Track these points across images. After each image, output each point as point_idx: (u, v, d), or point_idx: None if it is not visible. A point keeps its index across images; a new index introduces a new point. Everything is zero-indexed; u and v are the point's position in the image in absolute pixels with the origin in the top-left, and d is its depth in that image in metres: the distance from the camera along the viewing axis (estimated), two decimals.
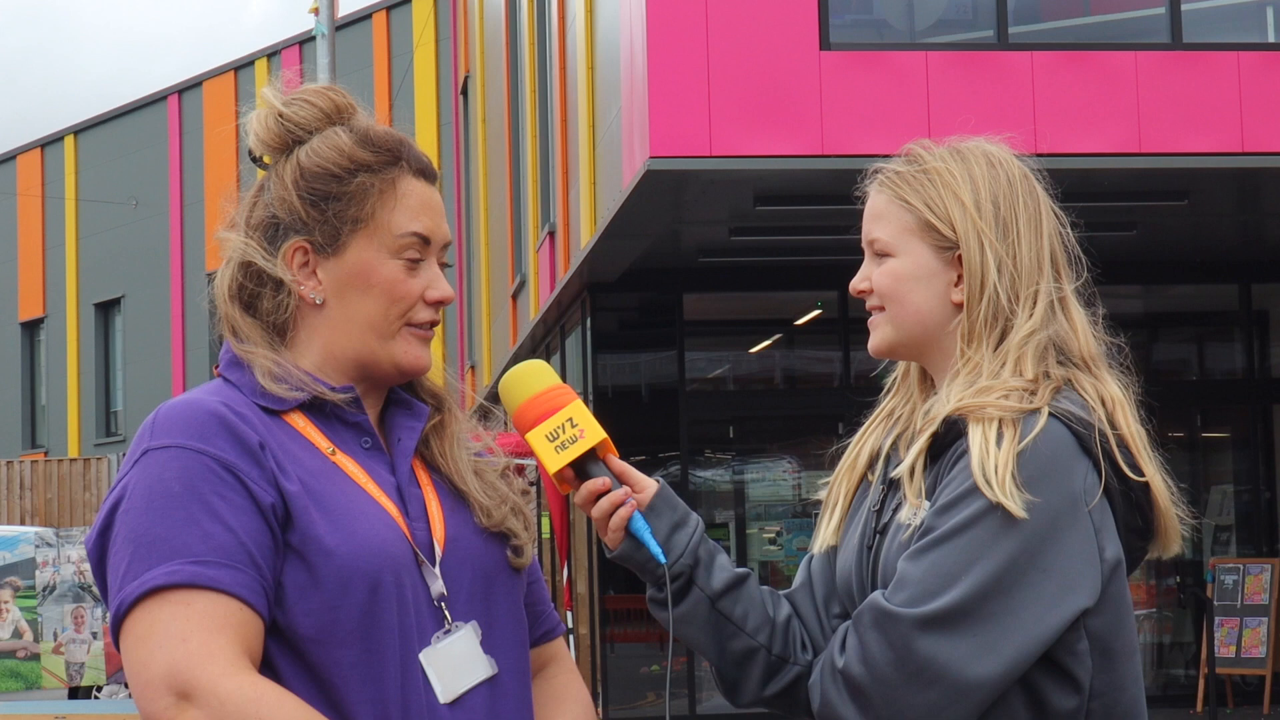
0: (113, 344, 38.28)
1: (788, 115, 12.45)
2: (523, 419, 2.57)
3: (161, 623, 2.21)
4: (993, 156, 2.70)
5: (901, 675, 2.42)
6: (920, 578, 2.44)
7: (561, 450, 2.55)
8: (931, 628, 2.42)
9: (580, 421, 2.56)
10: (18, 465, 23.86)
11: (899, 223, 2.66)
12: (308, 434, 2.38)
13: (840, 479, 2.74)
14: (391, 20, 32.37)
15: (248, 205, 2.48)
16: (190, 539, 2.24)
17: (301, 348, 2.42)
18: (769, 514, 16.98)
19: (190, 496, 2.26)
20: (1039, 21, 13.86)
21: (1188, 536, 2.69)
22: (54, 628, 12.48)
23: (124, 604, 2.25)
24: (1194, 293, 17.37)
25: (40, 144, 39.55)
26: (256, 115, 2.48)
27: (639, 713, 15.85)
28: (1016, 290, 2.61)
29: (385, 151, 2.44)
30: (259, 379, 2.36)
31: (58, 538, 12.77)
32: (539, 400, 2.56)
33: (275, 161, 2.47)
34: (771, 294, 16.49)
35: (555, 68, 17.67)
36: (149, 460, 2.29)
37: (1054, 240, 2.69)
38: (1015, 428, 2.48)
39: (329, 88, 2.50)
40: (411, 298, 2.43)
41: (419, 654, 2.34)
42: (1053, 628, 2.44)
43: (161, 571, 2.23)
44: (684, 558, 2.59)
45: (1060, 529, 2.45)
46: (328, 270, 2.41)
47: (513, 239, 21.47)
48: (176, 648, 2.20)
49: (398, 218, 2.42)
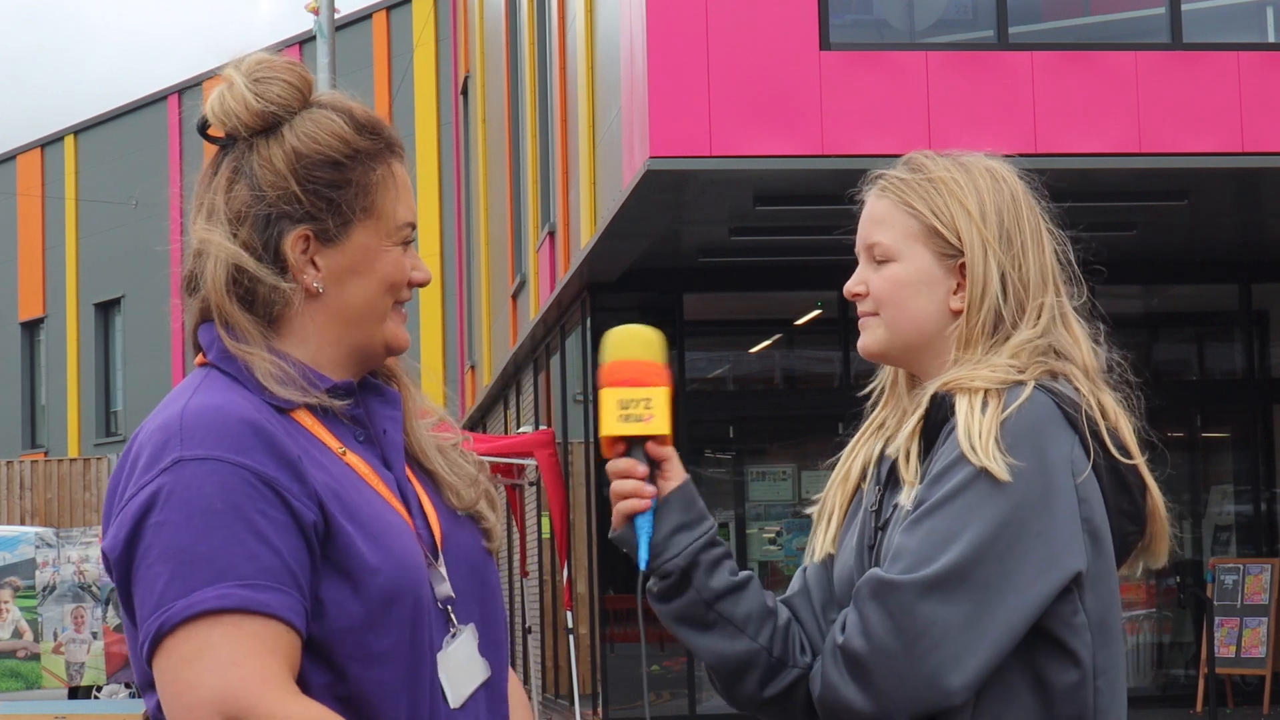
0: (113, 344, 38.29)
1: (788, 115, 12.45)
2: (610, 374, 2.57)
3: (212, 646, 2.16)
4: (995, 171, 2.73)
5: (901, 643, 2.43)
6: (915, 547, 2.46)
7: (623, 422, 2.56)
8: (929, 592, 2.43)
9: (655, 408, 2.56)
10: (18, 465, 23.86)
11: (902, 228, 2.66)
12: (316, 432, 2.33)
13: (834, 490, 2.74)
14: (391, 20, 32.37)
15: (220, 191, 2.38)
16: (236, 559, 2.18)
17: (296, 337, 2.37)
18: (769, 514, 16.97)
19: (233, 514, 2.19)
20: (1039, 21, 13.86)
21: (1174, 546, 2.70)
22: (54, 628, 12.47)
23: (168, 624, 2.18)
24: (1194, 293, 17.37)
25: (40, 144, 39.56)
26: (230, 93, 2.39)
27: (639, 713, 15.84)
28: (1022, 302, 2.63)
29: (379, 137, 2.40)
30: (262, 381, 2.31)
31: (58, 538, 12.77)
32: (635, 367, 2.57)
33: (249, 142, 2.38)
34: (771, 294, 16.49)
35: (555, 68, 17.67)
36: (183, 471, 2.21)
37: (1054, 256, 2.71)
38: (1000, 397, 2.51)
39: (291, 61, 2.42)
40: (404, 282, 2.41)
41: (436, 657, 2.32)
42: (1047, 591, 2.46)
43: (212, 595, 2.17)
44: (678, 559, 2.58)
45: (1051, 494, 2.47)
46: (328, 258, 2.36)
47: (513, 239, 21.47)
48: (229, 672, 2.15)
49: (399, 208, 2.40)
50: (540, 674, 18.89)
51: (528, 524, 18.95)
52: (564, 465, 16.63)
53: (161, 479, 2.22)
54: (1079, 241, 2.82)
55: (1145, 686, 16.66)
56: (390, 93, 30.61)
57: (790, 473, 16.83)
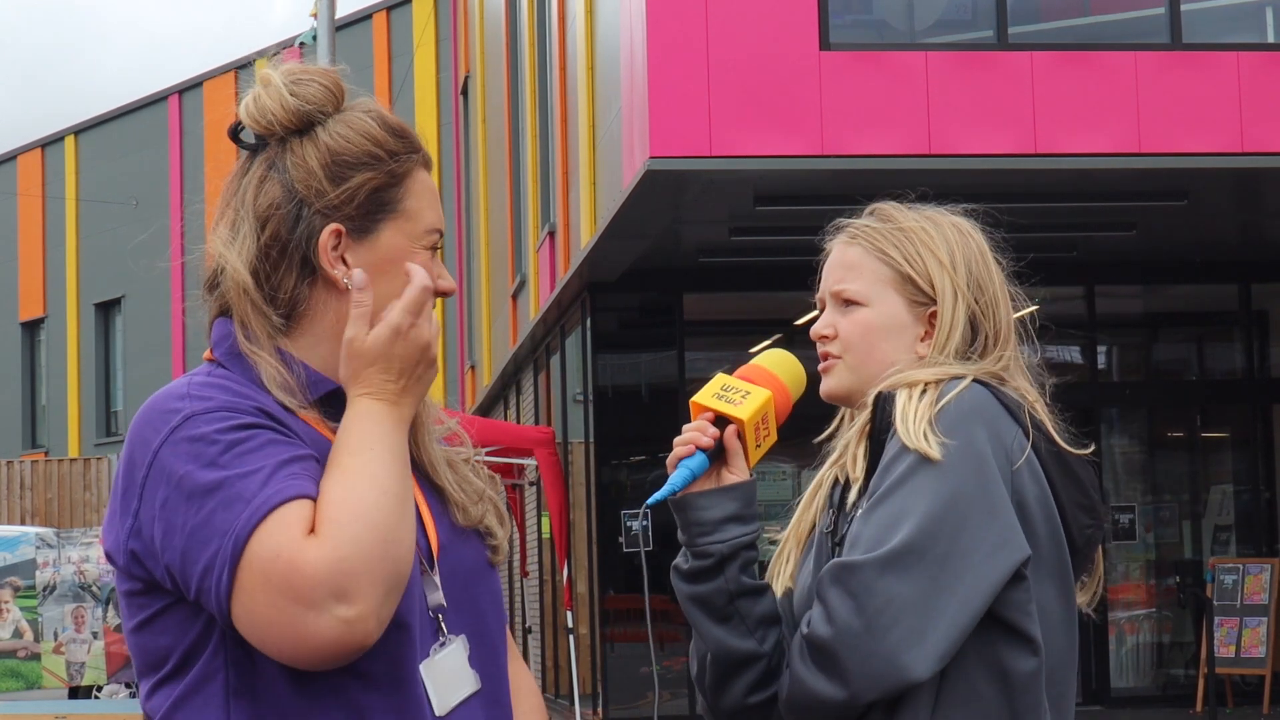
0: (113, 344, 38.31)
1: (788, 115, 12.45)
2: (737, 368, 2.72)
3: (291, 524, 2.16)
4: (961, 226, 2.78)
5: (863, 621, 2.47)
6: (871, 532, 2.52)
7: (714, 399, 2.68)
8: (886, 569, 2.48)
9: (750, 401, 2.67)
10: (18, 465, 23.87)
11: (874, 274, 2.72)
12: (321, 429, 2.34)
13: (791, 529, 2.82)
14: (391, 20, 32.39)
15: (250, 189, 2.39)
16: (269, 463, 2.20)
17: (314, 336, 2.37)
18: (769, 514, 16.92)
19: (250, 435, 2.22)
20: (1039, 21, 13.87)
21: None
22: (54, 628, 12.48)
23: (241, 539, 2.16)
24: (1194, 293, 17.38)
25: (40, 144, 39.58)
26: (266, 93, 2.40)
27: (639, 712, 15.86)
28: (991, 347, 2.70)
29: (408, 141, 2.42)
30: (266, 385, 2.32)
31: (58, 538, 12.77)
32: (758, 370, 2.71)
33: (282, 142, 2.40)
34: (771, 294, 16.49)
35: (555, 68, 17.68)
36: (197, 422, 2.23)
37: (1008, 305, 2.78)
38: (938, 388, 2.59)
39: (331, 70, 2.45)
40: (430, 288, 2.42)
41: (420, 666, 2.32)
42: (1001, 571, 2.50)
43: (272, 492, 2.17)
44: (722, 545, 2.66)
45: (985, 477, 2.52)
46: (358, 255, 2.36)
47: (513, 239, 21.48)
48: (322, 547, 2.16)
49: (424, 209, 2.41)
50: (540, 674, 18.91)
51: (528, 524, 18.96)
52: (564, 465, 16.64)
53: (174, 436, 2.23)
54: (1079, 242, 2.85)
55: (1145, 686, 16.66)
56: (390, 93, 30.62)
57: (790, 473, 16.83)
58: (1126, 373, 18.12)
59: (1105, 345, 17.59)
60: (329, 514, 2.17)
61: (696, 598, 2.66)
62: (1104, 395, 17.11)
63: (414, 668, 2.30)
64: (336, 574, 2.14)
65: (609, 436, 16.80)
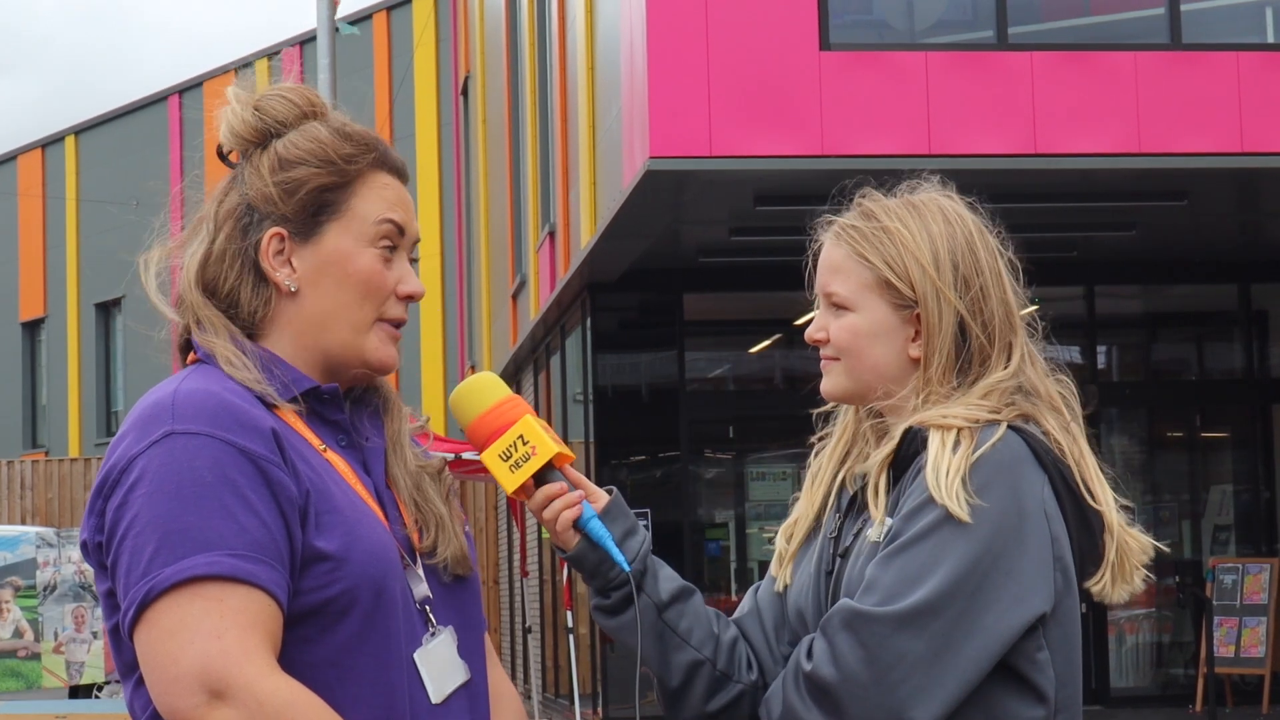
0: (113, 344, 38.29)
1: (788, 115, 12.46)
2: (475, 437, 2.58)
3: (194, 616, 2.18)
4: (948, 212, 2.73)
5: (871, 673, 2.47)
6: (890, 582, 2.51)
7: (515, 470, 2.56)
8: (902, 626, 2.48)
9: (531, 438, 2.55)
10: (18, 465, 23.88)
11: (857, 279, 2.70)
12: (299, 429, 2.37)
13: (794, 525, 2.79)
14: (391, 20, 32.38)
15: (217, 198, 2.48)
16: (226, 530, 2.21)
17: (274, 338, 2.42)
18: (769, 514, 16.98)
19: (224, 487, 2.23)
20: (1039, 22, 13.87)
21: (1147, 574, 2.76)
22: (54, 627, 12.49)
23: (154, 591, 2.20)
24: (1194, 293, 17.38)
25: (41, 144, 39.58)
26: (231, 110, 2.48)
27: (639, 712, 15.83)
28: (985, 345, 2.66)
29: (362, 145, 2.45)
30: (221, 367, 2.36)
31: (58, 538, 12.78)
32: (489, 417, 2.57)
33: (247, 155, 2.47)
34: (771, 294, 16.48)
35: (555, 68, 17.68)
36: (174, 444, 2.25)
37: (1012, 291, 2.73)
38: (973, 437, 2.56)
39: (303, 87, 2.51)
40: (386, 289, 2.42)
41: (414, 655, 2.36)
42: (1013, 629, 2.50)
43: (202, 561, 2.19)
44: (634, 563, 2.63)
45: (1025, 533, 2.52)
46: (303, 258, 2.40)
47: (513, 239, 21.48)
48: (211, 644, 2.17)
49: (373, 206, 2.43)
50: (540, 674, 18.90)
51: (528, 524, 18.96)
52: None
53: (152, 450, 2.26)
54: (1078, 243, 2.84)
55: (1145, 686, 16.67)
56: (390, 93, 30.61)
57: (790, 473, 16.84)
58: (1126, 373, 18.13)
59: (1105, 345, 17.60)
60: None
61: (626, 626, 2.65)
62: (1104, 395, 17.12)
63: (398, 661, 2.32)
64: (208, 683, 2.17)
65: (609, 436, 16.81)
